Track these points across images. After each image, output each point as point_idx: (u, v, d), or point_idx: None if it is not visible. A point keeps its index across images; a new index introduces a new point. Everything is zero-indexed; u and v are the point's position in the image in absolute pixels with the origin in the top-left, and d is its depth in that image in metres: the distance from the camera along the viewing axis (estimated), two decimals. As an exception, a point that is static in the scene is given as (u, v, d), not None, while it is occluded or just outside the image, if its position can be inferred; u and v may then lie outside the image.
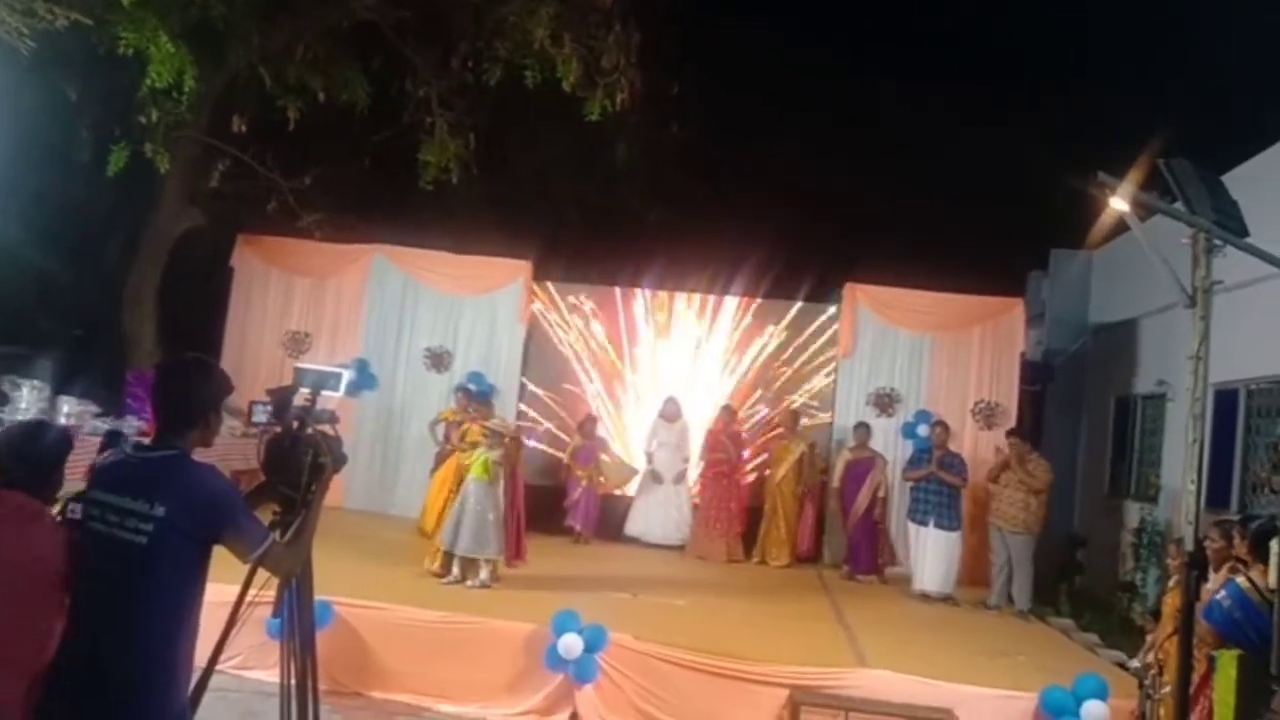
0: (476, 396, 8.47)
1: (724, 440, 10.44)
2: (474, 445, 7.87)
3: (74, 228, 12.21)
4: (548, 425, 11.54)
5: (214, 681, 2.80)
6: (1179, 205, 4.82)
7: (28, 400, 7.78)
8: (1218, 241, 4.69)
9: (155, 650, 2.59)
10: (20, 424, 3.48)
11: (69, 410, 8.06)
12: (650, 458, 10.74)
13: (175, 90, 8.84)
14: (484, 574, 7.38)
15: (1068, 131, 12.77)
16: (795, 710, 5.84)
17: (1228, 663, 4.54)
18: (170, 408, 2.77)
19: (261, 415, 3.13)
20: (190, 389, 2.81)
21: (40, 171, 10.86)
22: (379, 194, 12.28)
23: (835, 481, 10.07)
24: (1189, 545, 4.57)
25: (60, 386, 8.67)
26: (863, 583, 9.58)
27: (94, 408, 8.43)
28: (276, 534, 2.85)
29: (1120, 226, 10.01)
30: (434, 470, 9.61)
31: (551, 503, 10.71)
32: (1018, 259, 13.44)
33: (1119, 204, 4.97)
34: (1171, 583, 5.48)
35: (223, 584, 3.01)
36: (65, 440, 3.09)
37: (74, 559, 2.68)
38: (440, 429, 9.71)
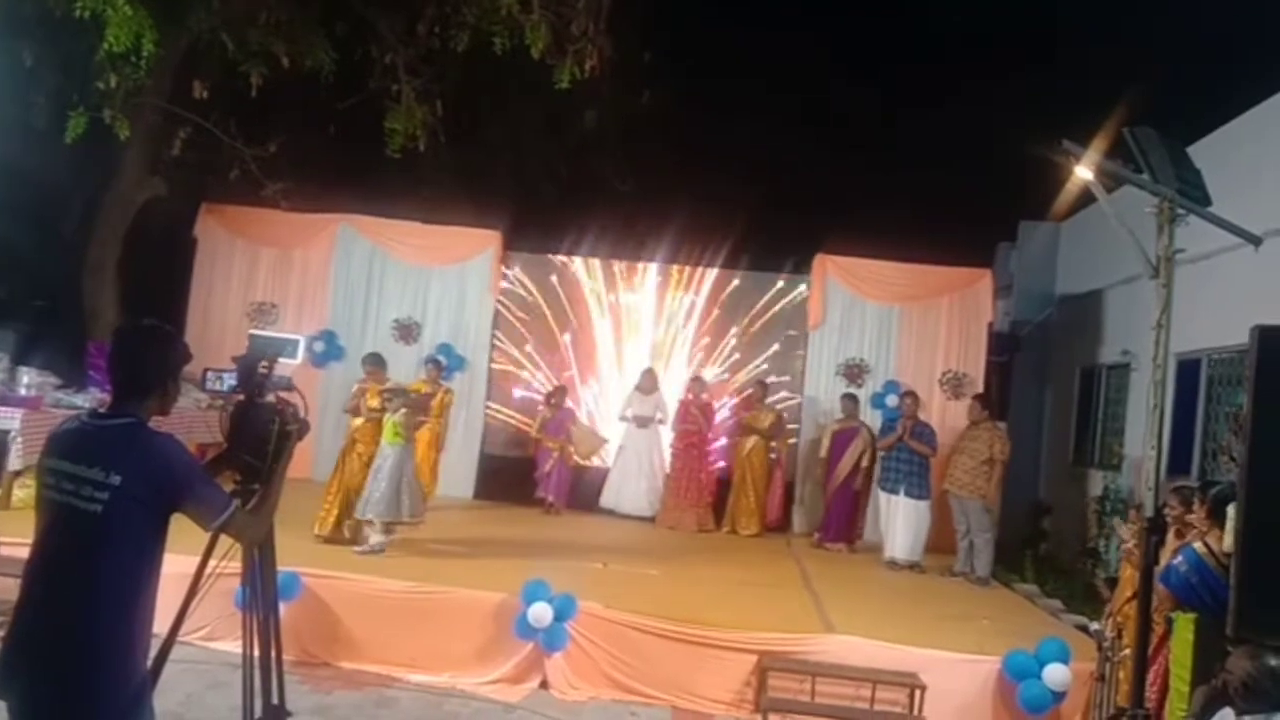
0: (369, 360, 8.39)
1: (694, 411, 10.47)
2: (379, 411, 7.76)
3: (33, 197, 11.93)
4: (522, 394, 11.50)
5: (181, 652, 2.76)
6: (1143, 175, 4.84)
7: (-13, 370, 7.64)
8: (1181, 211, 4.73)
9: (111, 620, 2.55)
10: None
11: (29, 381, 7.95)
12: (624, 427, 10.74)
13: (134, 55, 8.63)
14: (375, 539, 7.27)
15: (1035, 101, 12.77)
16: (763, 676, 5.90)
17: (1184, 625, 4.62)
18: (126, 375, 2.71)
19: (214, 383, 3.08)
20: (147, 355, 2.75)
21: (-6, 139, 10.61)
22: (345, 163, 12.10)
23: (823, 452, 10.11)
24: (1149, 511, 4.64)
25: (20, 358, 8.54)
26: (831, 550, 9.67)
27: (55, 379, 8.31)
28: (238, 502, 2.81)
29: (1087, 197, 10.10)
30: None
31: (522, 474, 10.71)
32: (986, 230, 13.51)
33: (1084, 172, 4.98)
34: (1129, 546, 5.56)
35: (186, 555, 2.99)
36: None
37: (36, 523, 2.63)
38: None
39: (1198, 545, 4.59)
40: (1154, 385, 4.80)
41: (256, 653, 3.25)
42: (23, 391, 7.90)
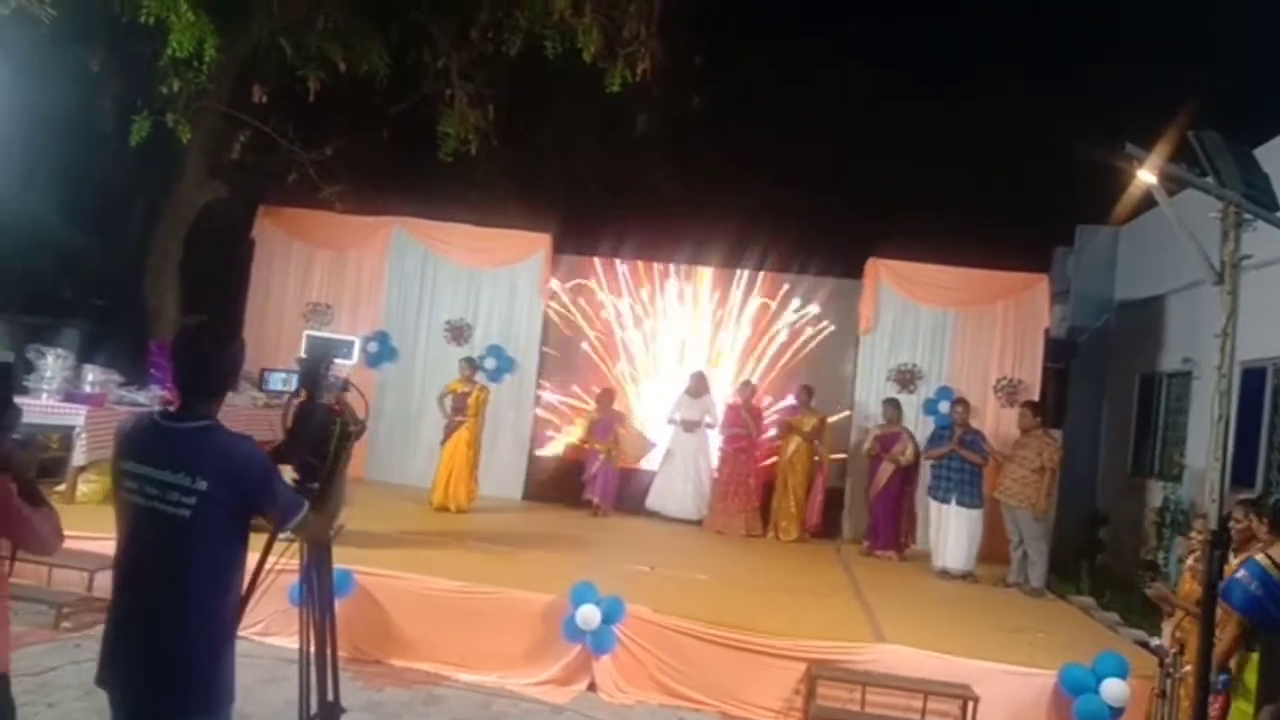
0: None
1: (743, 415, 10.42)
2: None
3: (97, 199, 12.28)
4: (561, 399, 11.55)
5: (238, 647, 2.81)
6: (1208, 179, 4.72)
7: (53, 369, 7.86)
8: (1247, 216, 4.59)
9: (203, 617, 2.63)
10: None
11: (94, 379, 8.14)
12: (672, 430, 10.72)
13: (196, 60, 8.83)
14: None
15: (1095, 104, 12.56)
16: (812, 684, 5.85)
17: (1254, 661, 4.48)
18: (193, 374, 2.75)
19: (277, 384, 3.14)
20: (213, 355, 2.79)
21: (63, 143, 10.93)
22: (399, 166, 12.26)
23: (867, 446, 10.02)
24: (1213, 524, 4.51)
25: (85, 355, 8.76)
26: (881, 559, 9.56)
27: (118, 377, 8.51)
28: (309, 503, 2.86)
29: (1148, 201, 9.89)
30: (443, 442, 9.67)
31: (570, 476, 10.75)
32: (1043, 235, 13.28)
33: (1146, 176, 4.86)
34: (1190, 560, 5.42)
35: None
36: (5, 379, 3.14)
37: (119, 524, 2.69)
38: (447, 401, 9.76)
39: (1260, 557, 4.47)
40: (1219, 395, 4.67)
41: (313, 649, 3.30)
42: (87, 389, 8.11)
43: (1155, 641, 5.06)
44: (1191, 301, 10.06)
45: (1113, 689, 5.66)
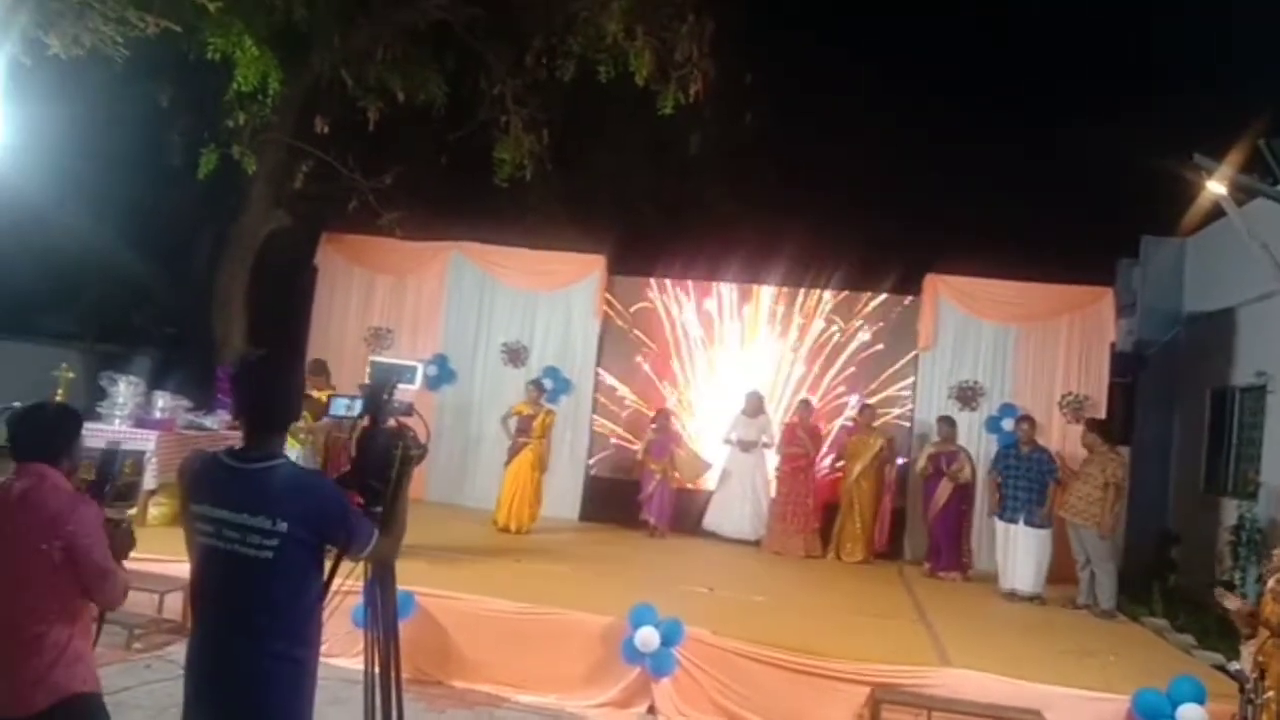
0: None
1: (801, 435, 10.32)
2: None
3: (165, 230, 12.70)
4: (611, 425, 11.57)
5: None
6: (1281, 187, 4.59)
7: (124, 395, 8.10)
8: (1324, 224, 4.46)
9: (289, 654, 2.68)
10: (33, 407, 3.67)
11: (164, 405, 8.37)
12: (728, 451, 10.67)
13: (260, 93, 9.11)
14: None
15: (1161, 114, 12.25)
16: (876, 709, 5.75)
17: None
18: (261, 409, 2.79)
19: (341, 409, 3.20)
20: (279, 389, 2.85)
21: (133, 177, 11.35)
22: (456, 192, 12.46)
23: (918, 467, 9.87)
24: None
25: (155, 382, 9.02)
26: (945, 580, 9.38)
27: (186, 402, 8.75)
28: (378, 530, 2.90)
29: (1216, 211, 9.64)
30: (507, 463, 9.75)
31: (626, 497, 10.75)
32: (1107, 247, 12.99)
33: (1216, 187, 4.76)
34: (1273, 582, 5.24)
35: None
36: (77, 417, 3.26)
37: (194, 565, 2.76)
38: (512, 423, 9.85)
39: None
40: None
41: (377, 670, 3.34)
42: (157, 415, 8.34)
43: (1235, 666, 4.88)
44: (1264, 313, 9.76)
45: (1190, 715, 5.47)
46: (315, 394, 7.82)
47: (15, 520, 2.88)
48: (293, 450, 7.52)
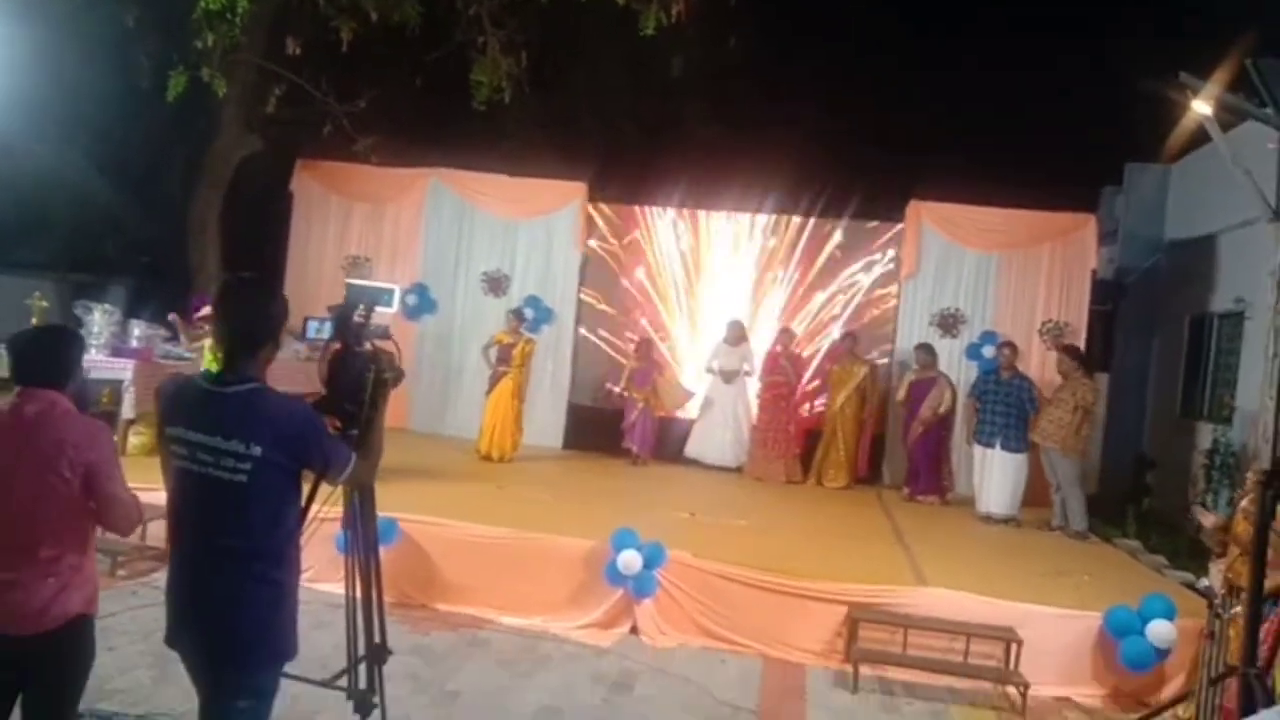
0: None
1: (783, 362, 10.35)
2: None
3: (137, 157, 12.42)
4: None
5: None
6: (1267, 109, 4.55)
7: (100, 324, 7.99)
8: (1309, 146, 4.43)
9: (267, 577, 2.68)
10: (39, 330, 3.62)
11: (139, 334, 8.27)
12: (710, 379, 10.70)
13: (229, 13, 8.82)
14: None
15: (1147, 34, 12.08)
16: (854, 627, 5.86)
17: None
18: (238, 332, 2.73)
19: (317, 331, 3.16)
20: (257, 311, 2.77)
21: (102, 101, 11.03)
22: (433, 116, 12.21)
23: (899, 396, 9.95)
24: (1265, 463, 4.42)
25: (130, 311, 8.90)
26: (923, 504, 9.52)
27: (163, 331, 8.64)
28: (355, 454, 2.88)
29: (1200, 137, 9.56)
30: (488, 392, 9.74)
31: (609, 425, 10.79)
32: (1092, 174, 12.92)
33: (1201, 108, 4.70)
34: (1245, 502, 5.33)
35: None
36: (80, 339, 3.25)
37: (171, 489, 2.75)
38: (493, 352, 9.79)
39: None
40: (1273, 332, 4.56)
41: (359, 594, 3.36)
42: (134, 343, 8.25)
43: (1204, 582, 4.99)
44: (1245, 240, 9.77)
45: (1159, 630, 5.60)
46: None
47: (30, 444, 2.85)
48: None
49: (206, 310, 7.68)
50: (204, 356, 7.55)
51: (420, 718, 4.58)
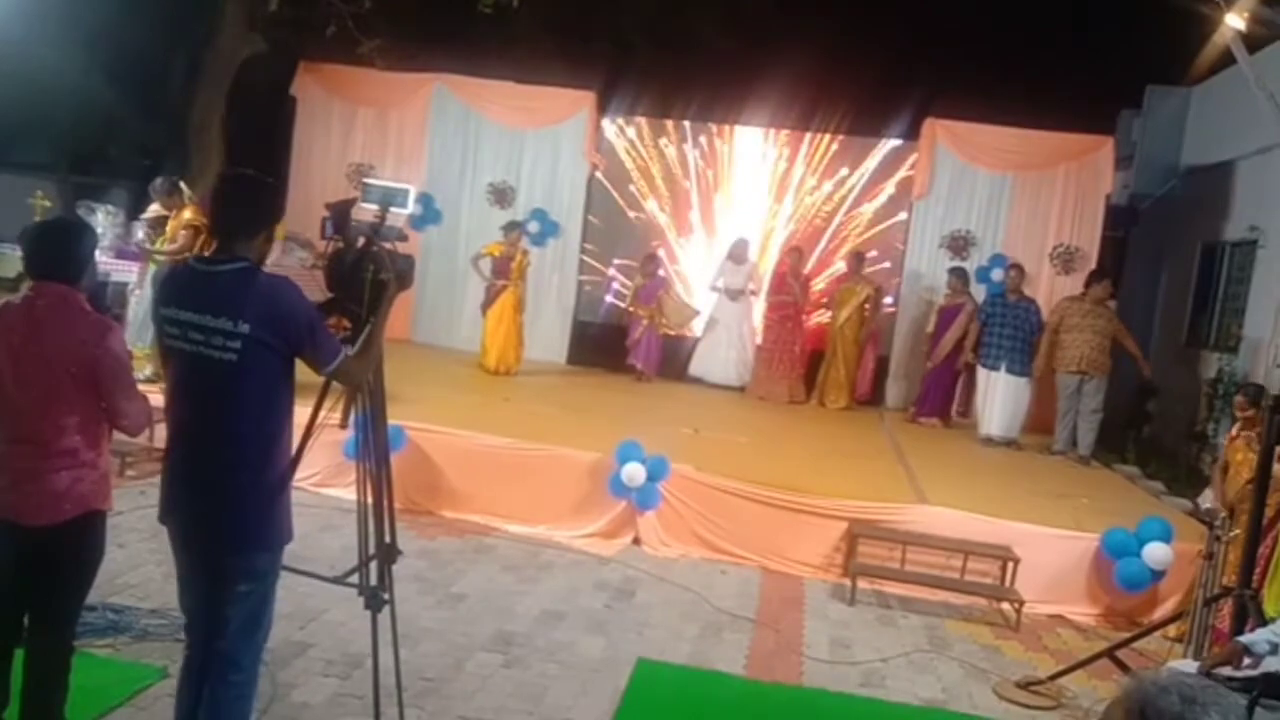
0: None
1: (790, 282, 10.27)
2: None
3: (138, 57, 12.15)
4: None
5: (296, 497, 2.90)
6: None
7: (103, 225, 7.93)
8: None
9: (257, 459, 2.71)
10: (51, 223, 3.57)
11: (142, 235, 8.18)
12: (715, 298, 10.63)
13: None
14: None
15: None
16: (853, 542, 5.95)
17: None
18: (235, 218, 2.75)
19: (332, 230, 3.12)
20: (253, 199, 2.80)
21: (100, 1, 10.73)
22: (439, 20, 11.89)
23: (929, 328, 9.85)
24: (1274, 389, 4.41)
25: (133, 214, 8.81)
26: (925, 425, 9.56)
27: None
28: (348, 348, 2.88)
29: (1225, 60, 9.33)
30: (485, 305, 9.64)
31: (614, 342, 10.77)
32: (1110, 96, 12.63)
33: (1234, 21, 4.56)
34: (1235, 430, 5.36)
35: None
36: (91, 231, 3.20)
37: (166, 370, 2.76)
38: (485, 264, 9.60)
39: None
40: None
41: (370, 499, 3.38)
42: (136, 246, 8.17)
43: (1205, 504, 5.04)
44: (1262, 167, 9.61)
45: (1155, 552, 5.68)
46: (175, 214, 7.47)
47: (44, 339, 2.86)
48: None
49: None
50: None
51: (427, 618, 4.67)
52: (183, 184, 7.57)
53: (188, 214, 7.36)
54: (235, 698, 2.80)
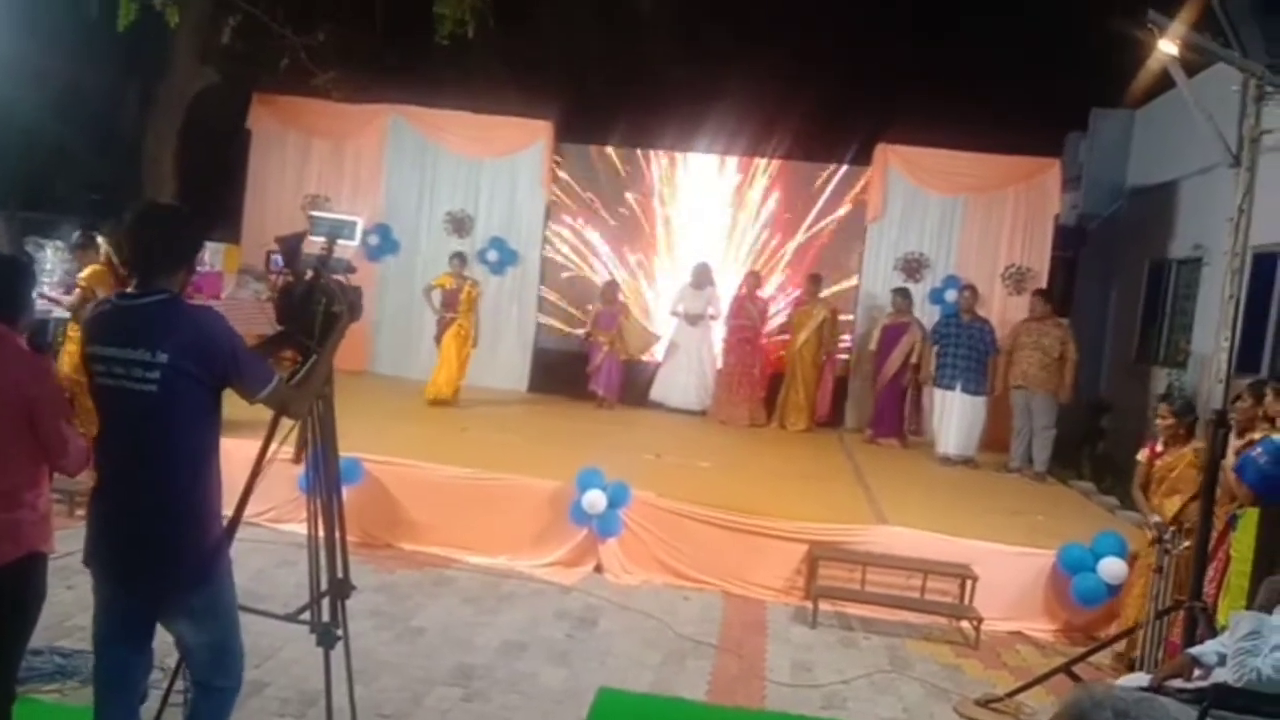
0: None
1: (748, 306, 10.36)
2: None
3: (88, 91, 12.01)
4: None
5: (251, 533, 2.89)
6: (1232, 50, 4.55)
7: (52, 261, 7.81)
8: (1270, 89, 4.45)
9: (183, 489, 2.66)
10: None
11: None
12: (675, 323, 10.69)
13: (180, -62, 8.50)
14: None
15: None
16: (813, 565, 5.97)
17: (1249, 520, 4.56)
18: (152, 251, 2.70)
19: (278, 265, 3.11)
20: (174, 232, 2.76)
21: (51, 32, 10.60)
22: (394, 52, 11.91)
23: (872, 345, 10.01)
24: (1216, 404, 4.51)
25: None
26: (884, 446, 9.65)
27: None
28: (281, 375, 2.85)
29: (1165, 83, 9.59)
30: (437, 338, 9.55)
31: (574, 369, 10.77)
32: (1056, 119, 12.93)
33: (1167, 47, 4.69)
34: (1160, 446, 5.44)
35: (246, 440, 3.07)
36: (31, 271, 3.17)
37: (97, 410, 2.71)
38: (435, 295, 9.52)
39: (1278, 436, 4.51)
40: (1230, 274, 4.61)
41: (322, 533, 3.34)
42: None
43: (1154, 518, 5.12)
44: (1204, 187, 9.86)
45: (1111, 567, 5.77)
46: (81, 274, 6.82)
47: None
48: None
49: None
50: None
51: (385, 653, 4.61)
52: (100, 238, 7.00)
53: (85, 272, 6.79)
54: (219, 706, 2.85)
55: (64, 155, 12.78)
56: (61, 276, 7.90)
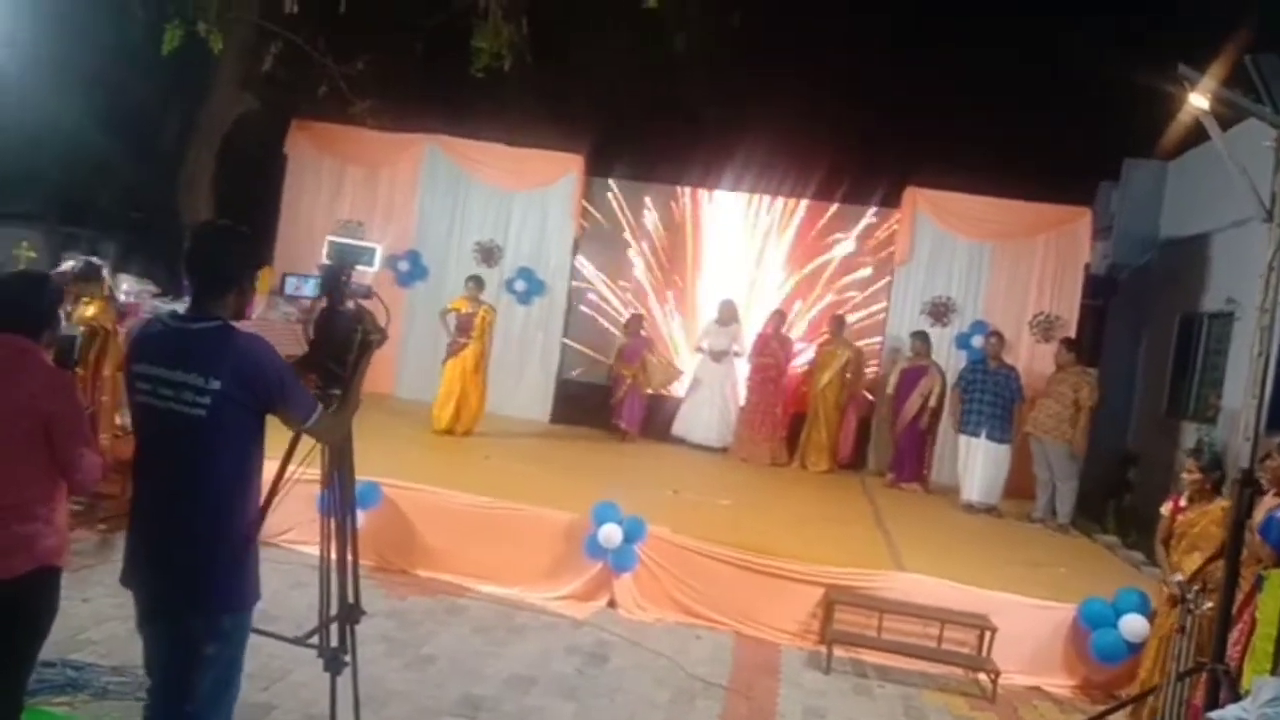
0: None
1: (773, 344, 10.35)
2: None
3: (131, 110, 12.27)
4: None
5: (267, 553, 2.90)
6: (1264, 106, 4.53)
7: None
8: (1305, 146, 4.42)
9: (225, 518, 2.67)
10: (15, 274, 3.58)
11: (128, 288, 8.23)
12: (699, 359, 10.69)
13: (227, -33, 8.72)
14: None
15: (1148, 28, 12.01)
16: (829, 609, 5.90)
17: (1275, 582, 4.46)
18: (207, 273, 2.75)
19: (292, 288, 3.16)
20: (226, 253, 2.79)
21: (95, 53, 10.89)
22: (431, 82, 12.09)
23: (890, 389, 9.96)
24: (1243, 463, 4.44)
25: (120, 265, 8.85)
26: (905, 490, 9.56)
27: (152, 286, 8.60)
28: (323, 405, 2.88)
29: (1198, 134, 9.54)
30: (445, 360, 9.46)
31: (598, 401, 10.77)
32: (1088, 168, 12.88)
33: (1199, 101, 4.68)
34: (1184, 500, 5.34)
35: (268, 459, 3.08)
36: (59, 290, 3.22)
37: (135, 427, 2.74)
38: (451, 319, 9.44)
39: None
40: (1260, 331, 4.57)
41: (334, 554, 3.36)
42: (122, 298, 8.19)
43: (1175, 577, 5.03)
44: (1238, 240, 9.76)
45: (1132, 624, 5.66)
46: (85, 304, 6.29)
47: None
48: None
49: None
50: None
51: (394, 680, 4.60)
52: (106, 271, 6.56)
53: (90, 310, 6.27)
54: None
55: (105, 171, 13.05)
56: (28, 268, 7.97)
